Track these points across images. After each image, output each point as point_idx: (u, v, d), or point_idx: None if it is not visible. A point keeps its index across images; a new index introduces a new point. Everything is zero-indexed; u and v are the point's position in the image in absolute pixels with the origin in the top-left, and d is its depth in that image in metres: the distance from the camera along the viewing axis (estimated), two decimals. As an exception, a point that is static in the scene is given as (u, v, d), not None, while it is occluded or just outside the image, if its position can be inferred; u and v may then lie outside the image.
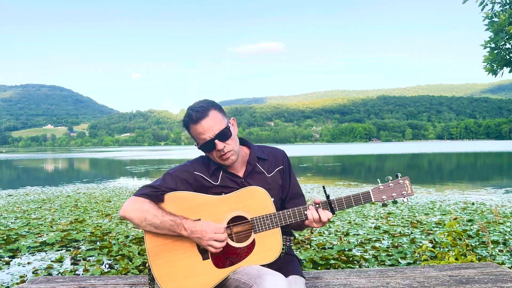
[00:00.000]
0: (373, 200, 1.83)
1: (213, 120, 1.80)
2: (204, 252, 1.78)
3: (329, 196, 1.84)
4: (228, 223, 1.81)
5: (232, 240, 1.80)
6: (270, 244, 1.79)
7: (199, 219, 1.78)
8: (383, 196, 1.83)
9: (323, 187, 1.92)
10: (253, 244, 1.79)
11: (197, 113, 1.80)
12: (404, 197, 1.82)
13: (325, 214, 1.80)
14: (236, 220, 1.82)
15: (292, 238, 1.97)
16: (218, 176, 1.90)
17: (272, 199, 1.84)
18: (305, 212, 1.82)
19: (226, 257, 1.78)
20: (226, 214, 1.80)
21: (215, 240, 1.72)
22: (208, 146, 1.81)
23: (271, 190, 1.87)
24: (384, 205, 1.88)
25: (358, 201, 1.82)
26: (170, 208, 1.80)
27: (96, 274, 4.16)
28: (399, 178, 1.84)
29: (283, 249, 1.83)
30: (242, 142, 1.99)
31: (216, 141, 1.79)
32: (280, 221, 1.80)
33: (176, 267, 1.77)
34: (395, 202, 1.86)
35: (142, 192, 1.81)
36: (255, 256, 1.78)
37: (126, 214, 1.78)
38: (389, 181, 1.84)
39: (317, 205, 1.83)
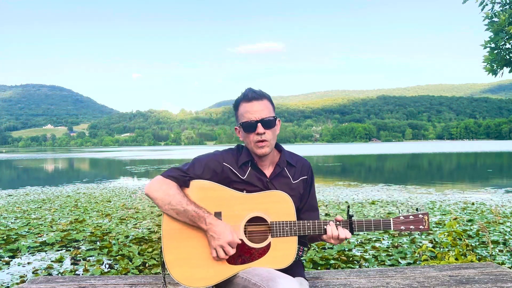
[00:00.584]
0: (392, 229, 1.89)
1: (264, 105, 1.85)
2: None
3: (352, 216, 1.86)
4: (247, 222, 1.81)
5: (248, 239, 1.80)
6: (285, 250, 1.79)
7: (220, 213, 1.79)
8: (402, 227, 1.89)
9: (348, 207, 1.91)
10: (268, 247, 1.79)
11: (253, 93, 1.85)
12: (420, 231, 1.90)
13: (344, 233, 1.82)
14: (256, 220, 1.82)
15: (306, 249, 1.98)
16: (246, 171, 1.89)
17: None
18: (325, 226, 1.83)
19: (239, 254, 1.77)
20: (248, 212, 1.81)
21: (223, 249, 1.72)
22: (250, 126, 1.83)
23: (292, 197, 1.86)
24: (400, 234, 1.94)
25: (378, 227, 1.87)
26: (194, 196, 1.80)
27: (96, 274, 4.16)
28: (420, 212, 1.89)
29: (295, 257, 1.83)
30: (276, 145, 2.00)
31: (259, 124, 1.81)
32: (299, 231, 1.81)
33: (187, 254, 1.77)
34: (410, 233, 1.94)
35: (171, 174, 1.80)
36: (268, 259, 1.78)
37: (151, 193, 1.78)
38: (410, 214, 1.90)
39: (337, 222, 1.85)
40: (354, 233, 6.40)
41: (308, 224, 1.82)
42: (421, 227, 1.88)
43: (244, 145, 1.97)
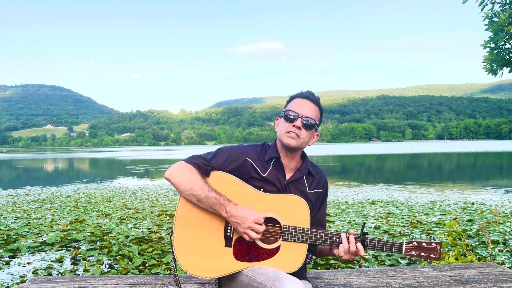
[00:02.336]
0: (403, 253, 1.87)
1: (314, 108, 1.89)
2: (228, 238, 1.79)
3: (366, 233, 1.84)
4: None
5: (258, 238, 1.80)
6: (293, 256, 1.79)
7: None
8: (413, 252, 1.87)
9: (363, 224, 1.89)
10: (277, 249, 1.79)
11: (310, 95, 1.90)
12: (430, 259, 1.86)
13: (359, 247, 1.79)
14: (269, 221, 1.81)
15: (314, 257, 1.97)
16: (267, 169, 1.88)
17: None
18: (337, 239, 1.81)
19: (247, 252, 1.77)
20: (262, 212, 1.80)
21: (253, 230, 1.72)
22: (291, 116, 1.85)
23: None
24: (409, 259, 1.92)
25: (390, 248, 1.84)
26: (212, 186, 1.79)
27: (96, 274, 4.16)
28: (433, 241, 1.87)
29: (302, 265, 1.82)
30: (301, 153, 1.99)
31: (300, 119, 1.84)
32: (311, 239, 1.80)
33: (196, 243, 1.77)
34: (420, 260, 1.90)
35: (193, 161, 1.80)
36: (276, 262, 1.77)
37: (172, 177, 1.78)
38: (423, 240, 1.87)
39: (351, 236, 1.83)
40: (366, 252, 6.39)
41: (321, 234, 1.80)
42: (432, 255, 1.85)
43: (270, 144, 1.97)
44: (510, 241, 5.31)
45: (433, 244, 1.86)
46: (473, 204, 8.85)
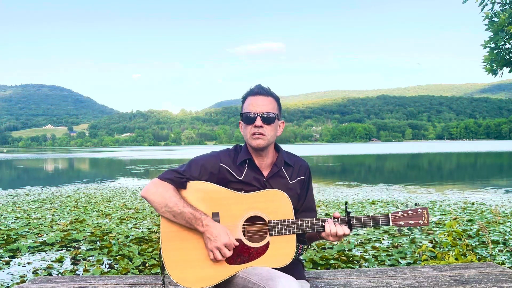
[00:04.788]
0: (390, 224, 1.87)
1: (268, 101, 1.87)
2: None
3: (350, 212, 1.86)
4: (245, 221, 1.81)
5: (246, 238, 1.80)
6: (284, 249, 1.79)
7: (218, 213, 1.79)
8: (401, 222, 1.87)
9: (346, 203, 1.93)
10: (266, 246, 1.79)
11: (260, 89, 1.89)
12: (420, 226, 1.86)
13: (343, 229, 1.81)
14: (253, 220, 1.82)
15: (305, 246, 1.98)
16: (243, 171, 1.89)
17: None
18: (323, 224, 1.83)
19: (238, 254, 1.77)
20: (245, 212, 1.81)
21: (220, 251, 1.72)
22: (249, 118, 1.85)
23: (289, 197, 1.86)
24: (400, 230, 1.91)
25: (377, 222, 1.86)
26: (191, 197, 1.80)
27: (96, 274, 4.16)
28: (419, 207, 1.88)
29: (294, 256, 1.83)
30: (274, 145, 2.00)
31: (258, 117, 1.83)
32: (297, 229, 1.81)
33: (186, 256, 1.77)
34: (410, 229, 1.90)
35: (167, 177, 1.80)
36: (267, 258, 1.78)
37: (148, 196, 1.79)
38: (408, 208, 1.88)
39: (335, 219, 1.84)
40: (353, 230, 6.38)
41: (306, 222, 1.82)
42: (420, 221, 1.86)
43: (242, 145, 1.98)
44: (510, 241, 5.31)
45: (419, 210, 1.87)
46: (473, 204, 8.85)
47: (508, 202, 9.29)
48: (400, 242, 5.34)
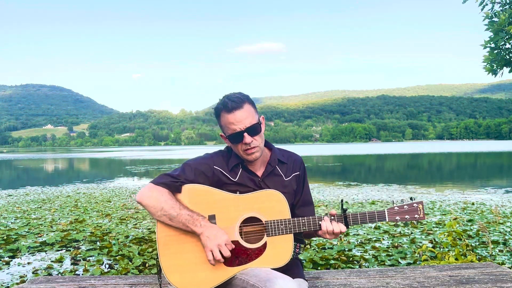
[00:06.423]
0: (387, 220, 1.87)
1: (246, 112, 1.79)
2: None
3: (346, 209, 1.87)
4: (242, 223, 1.81)
5: (243, 240, 1.80)
6: (281, 249, 1.79)
7: (214, 215, 1.79)
8: (396, 217, 1.88)
9: (341, 201, 1.93)
10: (264, 246, 1.79)
11: (233, 103, 1.78)
12: (416, 220, 1.88)
13: (339, 227, 1.82)
14: (251, 221, 1.82)
15: (302, 245, 1.98)
16: (237, 173, 1.88)
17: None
18: (320, 222, 1.83)
19: (235, 256, 1.77)
20: (242, 213, 1.81)
21: (220, 249, 1.71)
22: (236, 137, 1.80)
23: (286, 194, 1.87)
24: (396, 225, 1.92)
25: (373, 219, 1.86)
26: (186, 200, 1.79)
27: (96, 274, 4.16)
28: (414, 201, 1.88)
29: (292, 255, 1.83)
30: (266, 143, 1.99)
31: (245, 134, 1.78)
32: (294, 228, 1.81)
33: (184, 260, 1.77)
34: (406, 223, 1.92)
35: (161, 181, 1.79)
36: (265, 259, 1.78)
37: (143, 200, 1.78)
38: (404, 203, 1.88)
39: (332, 217, 1.85)
40: (351, 228, 6.38)
41: (303, 221, 1.82)
42: (416, 216, 1.86)
43: None
44: (510, 241, 5.31)
45: (414, 204, 1.87)
46: (473, 204, 8.85)
47: (508, 202, 9.29)
48: (400, 242, 5.34)
